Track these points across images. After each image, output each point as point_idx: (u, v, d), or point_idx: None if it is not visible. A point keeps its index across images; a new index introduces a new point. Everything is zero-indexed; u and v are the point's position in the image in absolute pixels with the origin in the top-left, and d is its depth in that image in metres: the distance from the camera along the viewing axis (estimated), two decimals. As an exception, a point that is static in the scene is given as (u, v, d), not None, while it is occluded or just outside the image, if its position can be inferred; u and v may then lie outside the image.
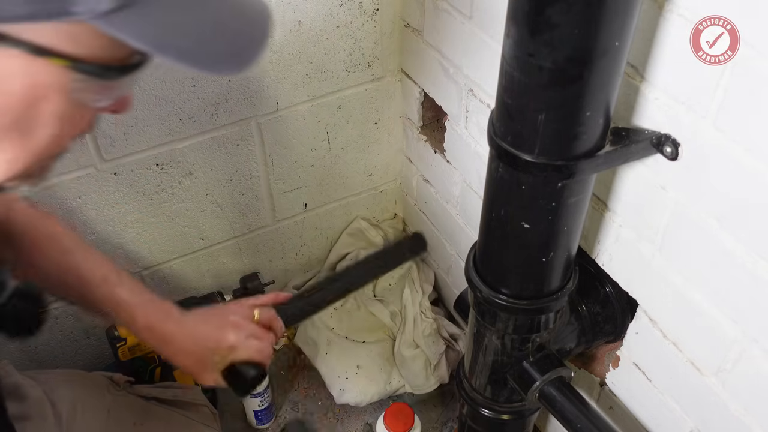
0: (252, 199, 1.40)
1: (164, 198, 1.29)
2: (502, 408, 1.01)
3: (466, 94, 1.17)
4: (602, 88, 0.67)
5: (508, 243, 0.83)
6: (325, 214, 1.55)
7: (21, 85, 0.49)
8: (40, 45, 0.47)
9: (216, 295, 1.39)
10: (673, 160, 0.76)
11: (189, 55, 0.48)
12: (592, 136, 0.71)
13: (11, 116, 0.50)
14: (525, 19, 0.64)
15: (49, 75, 0.49)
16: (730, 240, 0.74)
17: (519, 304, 0.86)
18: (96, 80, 0.51)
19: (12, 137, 0.52)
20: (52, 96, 0.51)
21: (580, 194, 0.77)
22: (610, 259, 0.95)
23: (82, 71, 0.49)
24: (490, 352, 0.94)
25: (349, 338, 1.50)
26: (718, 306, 0.79)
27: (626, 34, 0.64)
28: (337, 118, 1.39)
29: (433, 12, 1.19)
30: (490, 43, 1.03)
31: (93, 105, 0.54)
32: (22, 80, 0.49)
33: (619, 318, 1.00)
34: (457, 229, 1.40)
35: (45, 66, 0.48)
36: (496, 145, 0.75)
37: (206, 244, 1.42)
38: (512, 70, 0.68)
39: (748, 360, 0.78)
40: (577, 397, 0.92)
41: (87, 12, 0.44)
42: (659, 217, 0.83)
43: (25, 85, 0.49)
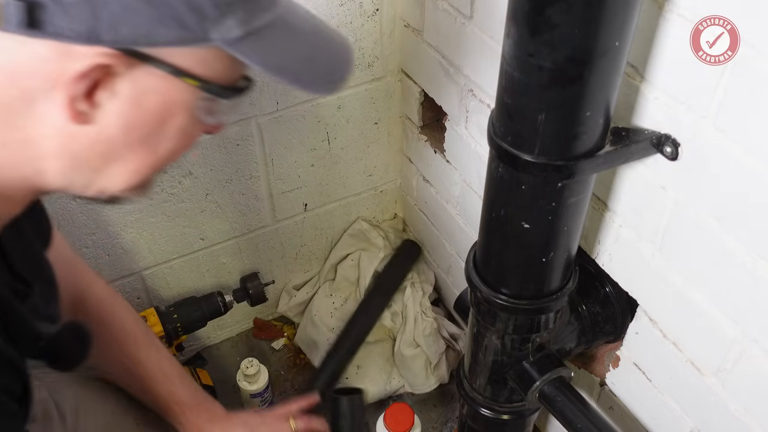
0: (252, 199, 1.40)
1: (164, 198, 1.29)
2: (502, 408, 1.01)
3: (466, 94, 1.17)
4: (602, 88, 0.67)
5: (508, 243, 0.83)
6: (325, 214, 1.55)
7: (158, 102, 0.56)
8: (179, 67, 0.54)
9: (216, 295, 1.39)
10: (673, 160, 0.76)
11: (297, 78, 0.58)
12: (592, 136, 0.71)
13: (145, 130, 0.58)
14: (525, 19, 0.64)
15: (181, 93, 0.57)
16: (730, 240, 0.74)
17: (519, 304, 0.86)
18: (215, 100, 0.58)
19: (139, 149, 0.59)
20: (179, 112, 0.58)
21: (580, 194, 0.77)
22: (610, 259, 0.95)
23: (208, 91, 0.57)
24: (490, 352, 0.94)
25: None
26: (718, 306, 0.79)
27: (626, 34, 0.64)
28: (337, 118, 1.39)
29: (433, 12, 1.19)
30: (490, 43, 1.03)
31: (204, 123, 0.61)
32: (160, 97, 0.56)
33: (619, 318, 1.00)
34: (457, 229, 1.40)
35: (180, 85, 0.55)
36: (496, 145, 0.75)
37: (206, 244, 1.42)
38: (512, 70, 0.68)
39: (748, 360, 0.78)
40: (577, 397, 0.92)
41: (220, 39, 0.53)
42: (659, 217, 0.83)
43: (161, 101, 0.56)
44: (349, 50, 0.62)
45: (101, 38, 0.50)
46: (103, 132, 0.56)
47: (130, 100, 0.55)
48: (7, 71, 0.53)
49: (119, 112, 0.55)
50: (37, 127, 0.55)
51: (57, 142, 0.56)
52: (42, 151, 0.57)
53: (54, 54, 0.51)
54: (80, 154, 0.57)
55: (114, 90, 0.54)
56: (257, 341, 1.60)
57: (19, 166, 0.57)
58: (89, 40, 0.50)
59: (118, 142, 0.57)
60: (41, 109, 0.54)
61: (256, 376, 1.36)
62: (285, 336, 1.61)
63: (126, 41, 0.51)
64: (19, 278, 0.68)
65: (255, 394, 1.38)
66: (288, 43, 0.57)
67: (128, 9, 0.50)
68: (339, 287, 1.58)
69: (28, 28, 0.49)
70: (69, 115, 0.54)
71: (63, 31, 0.50)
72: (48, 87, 0.53)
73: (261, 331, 1.61)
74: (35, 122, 0.55)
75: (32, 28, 0.49)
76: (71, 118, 0.54)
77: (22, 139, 0.56)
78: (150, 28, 0.51)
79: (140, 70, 0.54)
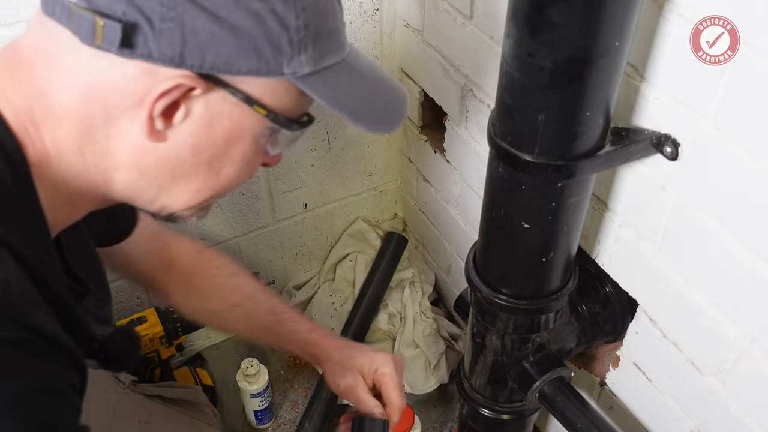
0: (252, 199, 1.40)
1: (164, 198, 1.29)
2: (502, 408, 1.01)
3: (466, 94, 1.17)
4: (602, 88, 0.67)
5: (508, 243, 0.83)
6: (325, 214, 1.55)
7: (228, 127, 0.60)
8: (251, 95, 0.58)
9: (216, 295, 1.39)
10: (673, 160, 0.76)
11: (357, 115, 0.62)
12: (592, 136, 0.71)
13: (212, 152, 0.61)
14: (525, 19, 0.64)
15: (250, 121, 0.60)
16: (730, 240, 0.74)
17: (519, 304, 0.86)
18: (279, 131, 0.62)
19: (204, 171, 0.62)
20: (246, 139, 0.62)
21: (580, 194, 0.77)
22: (610, 259, 0.95)
23: (275, 121, 0.60)
24: (490, 352, 0.94)
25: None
26: (718, 306, 0.79)
27: (626, 34, 0.64)
28: (337, 118, 1.39)
29: (433, 12, 1.19)
30: (490, 43, 1.03)
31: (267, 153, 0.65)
32: (230, 122, 0.59)
33: (619, 318, 1.00)
34: (457, 229, 1.40)
35: (249, 113, 0.59)
36: (496, 145, 0.75)
37: (206, 244, 1.41)
38: (512, 70, 0.68)
39: (748, 360, 0.78)
40: (577, 397, 0.92)
41: (292, 74, 0.57)
42: (659, 217, 0.83)
43: (230, 126, 0.60)
44: (404, 96, 0.67)
45: (186, 62, 0.54)
46: (173, 150, 0.59)
47: (203, 123, 0.58)
48: (93, 87, 0.56)
49: (191, 133, 0.59)
50: (114, 141, 0.58)
51: (130, 156, 0.59)
52: (114, 163, 0.60)
53: (139, 74, 0.55)
54: (149, 170, 0.61)
55: (189, 111, 0.57)
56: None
57: (90, 176, 0.61)
58: (175, 63, 0.54)
59: (186, 162, 0.61)
60: (120, 125, 0.58)
61: (256, 376, 1.36)
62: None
63: (208, 67, 0.55)
64: (76, 279, 0.70)
65: (255, 394, 1.37)
66: (351, 83, 0.61)
67: (215, 37, 0.54)
68: (339, 287, 1.58)
69: (122, 48, 0.53)
70: (146, 132, 0.57)
71: (153, 53, 0.53)
72: (129, 104, 0.56)
73: (261, 331, 1.61)
74: (113, 136, 0.58)
75: (126, 48, 0.53)
76: (148, 135, 0.57)
77: (98, 151, 0.59)
78: (231, 56, 0.55)
79: (215, 95, 0.57)
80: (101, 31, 0.52)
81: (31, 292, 0.55)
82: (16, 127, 0.58)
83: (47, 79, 0.57)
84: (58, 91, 0.57)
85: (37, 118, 0.58)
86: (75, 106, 0.57)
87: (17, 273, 0.55)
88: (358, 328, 1.46)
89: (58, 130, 0.58)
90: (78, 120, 0.58)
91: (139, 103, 0.56)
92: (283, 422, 1.46)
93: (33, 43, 0.58)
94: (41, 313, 0.55)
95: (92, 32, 0.53)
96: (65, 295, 0.63)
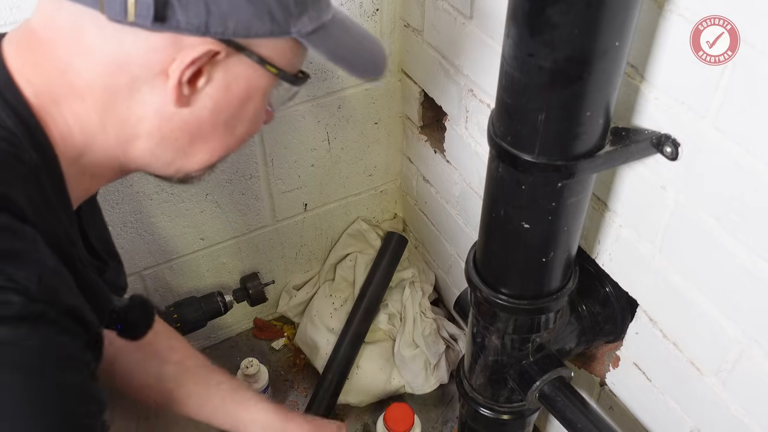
0: (252, 199, 1.40)
1: (164, 198, 1.29)
2: (502, 408, 1.01)
3: (466, 94, 1.17)
4: (602, 88, 0.67)
5: (508, 243, 0.83)
6: (325, 214, 1.55)
7: (243, 87, 0.65)
8: (264, 56, 0.63)
9: (216, 295, 1.39)
10: (673, 160, 0.76)
11: (353, 66, 0.68)
12: (592, 136, 0.71)
13: (229, 112, 0.66)
14: (525, 19, 0.64)
15: (262, 80, 0.65)
16: (730, 240, 0.74)
17: (519, 304, 0.86)
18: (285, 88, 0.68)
19: (221, 131, 0.67)
20: (257, 97, 0.67)
21: (580, 194, 0.77)
22: (610, 259, 0.95)
23: (283, 78, 0.66)
24: (490, 352, 0.94)
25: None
26: (718, 306, 0.79)
27: (626, 34, 0.64)
28: (337, 118, 1.39)
29: (433, 12, 1.19)
30: (490, 43, 1.03)
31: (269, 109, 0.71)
32: (245, 83, 0.64)
33: (619, 318, 1.00)
34: (457, 229, 1.40)
35: (262, 73, 0.64)
36: (496, 145, 0.75)
37: (206, 244, 1.42)
38: (512, 70, 0.68)
39: (748, 360, 0.78)
40: (577, 397, 0.92)
41: (297, 32, 0.62)
42: (659, 217, 0.83)
43: (245, 87, 0.65)
44: (382, 45, 0.73)
45: (211, 30, 0.58)
46: (195, 114, 0.64)
47: (222, 86, 0.63)
48: (118, 61, 0.59)
49: (212, 96, 0.63)
50: (136, 110, 0.62)
51: (152, 123, 0.63)
52: (136, 132, 0.64)
53: (165, 45, 0.59)
54: (170, 134, 0.65)
55: (210, 76, 0.62)
56: (257, 341, 1.60)
57: (111, 147, 0.64)
58: (201, 32, 0.58)
59: (206, 124, 0.65)
60: (143, 95, 0.61)
61: (256, 376, 1.36)
62: (285, 336, 1.61)
63: (230, 33, 0.59)
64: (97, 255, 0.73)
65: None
66: (343, 38, 0.67)
67: (234, 5, 0.58)
68: (338, 287, 1.58)
69: (154, 23, 0.57)
70: (174, 99, 0.61)
71: (181, 24, 0.57)
72: (153, 74, 0.60)
73: (261, 331, 1.61)
74: (135, 106, 0.62)
75: (159, 22, 0.57)
76: (175, 101, 0.62)
77: (119, 122, 0.63)
78: (249, 21, 0.59)
79: (233, 59, 0.62)
80: (133, 8, 0.56)
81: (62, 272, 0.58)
82: (38, 106, 0.60)
83: (68, 57, 0.60)
84: (81, 68, 0.60)
85: (58, 96, 0.61)
86: (98, 81, 0.60)
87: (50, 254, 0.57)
88: (358, 328, 1.46)
89: (80, 106, 0.61)
90: (101, 94, 0.61)
91: (163, 72, 0.60)
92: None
93: (50, 25, 0.60)
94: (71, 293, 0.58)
95: (124, 9, 0.56)
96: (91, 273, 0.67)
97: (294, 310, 1.60)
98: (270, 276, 1.54)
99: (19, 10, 0.98)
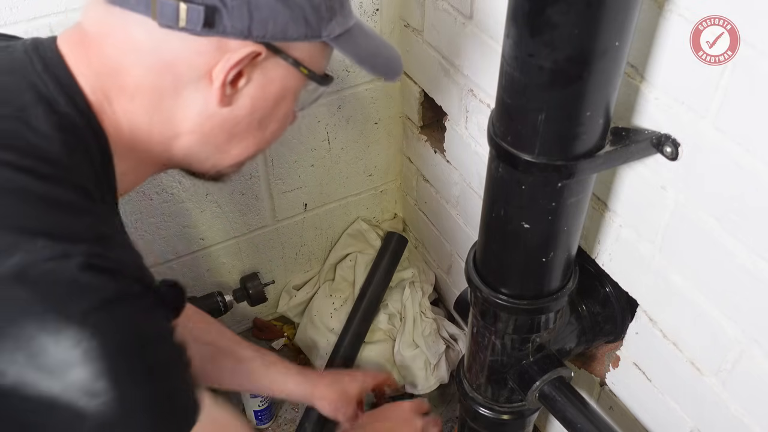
0: (252, 199, 1.40)
1: (164, 198, 1.29)
2: (502, 408, 1.01)
3: (466, 94, 1.17)
4: (602, 88, 0.67)
5: (508, 243, 0.83)
6: (325, 214, 1.55)
7: (277, 88, 0.69)
8: (297, 58, 0.68)
9: (216, 295, 1.39)
10: (673, 160, 0.76)
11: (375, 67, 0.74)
12: (592, 136, 0.71)
13: (263, 112, 0.70)
14: (525, 19, 0.64)
15: (293, 81, 0.70)
16: (730, 240, 0.74)
17: (519, 304, 0.86)
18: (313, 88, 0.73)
19: (255, 129, 0.72)
20: (289, 98, 0.72)
21: (580, 194, 0.77)
22: (610, 259, 0.95)
23: (313, 79, 0.71)
24: (490, 352, 0.94)
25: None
26: (718, 306, 0.79)
27: (626, 34, 0.64)
28: (337, 118, 1.39)
29: (433, 12, 1.19)
30: (490, 43, 1.03)
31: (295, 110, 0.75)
32: (279, 84, 0.69)
33: (619, 318, 1.00)
34: (457, 229, 1.40)
35: (294, 74, 0.69)
36: (496, 145, 0.75)
37: (206, 244, 1.42)
38: (512, 70, 0.68)
39: (748, 360, 0.78)
40: (577, 397, 0.92)
41: (327, 36, 0.67)
42: (659, 217, 0.83)
43: (279, 87, 0.69)
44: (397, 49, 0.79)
45: (253, 34, 0.63)
46: (234, 113, 0.68)
47: (259, 86, 0.68)
48: (166, 63, 0.64)
49: (251, 96, 0.68)
50: (180, 110, 0.67)
51: (195, 122, 0.68)
52: (178, 130, 0.68)
53: (210, 48, 0.63)
54: (210, 132, 0.69)
55: (250, 77, 0.67)
56: (257, 341, 1.60)
57: (154, 144, 0.69)
58: (243, 35, 0.63)
59: (243, 122, 0.70)
60: (186, 95, 0.66)
61: (256, 376, 1.36)
62: (285, 336, 1.61)
63: (269, 36, 0.64)
64: None
65: (255, 395, 1.37)
66: (365, 42, 0.73)
67: (273, 10, 0.63)
68: (338, 288, 1.58)
69: (203, 28, 0.61)
70: (218, 99, 0.66)
71: (227, 29, 0.62)
72: (197, 76, 0.65)
73: (261, 331, 1.61)
74: (179, 106, 0.67)
75: (208, 27, 0.61)
76: (219, 101, 0.66)
77: (164, 120, 0.67)
78: (286, 25, 0.64)
79: (270, 61, 0.66)
80: (185, 15, 0.60)
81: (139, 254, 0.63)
82: (95, 102, 0.64)
83: (119, 58, 0.64)
84: (131, 68, 0.64)
85: (110, 94, 0.65)
86: (146, 82, 0.65)
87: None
88: (358, 328, 1.46)
89: (129, 103, 0.65)
90: (148, 94, 0.65)
91: (207, 74, 0.65)
92: (283, 422, 1.46)
93: (100, 28, 0.65)
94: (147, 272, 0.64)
95: (176, 16, 0.60)
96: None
97: (294, 310, 1.60)
98: (270, 276, 1.54)
99: (18, 10, 0.98)
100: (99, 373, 0.53)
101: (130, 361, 0.56)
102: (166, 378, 0.60)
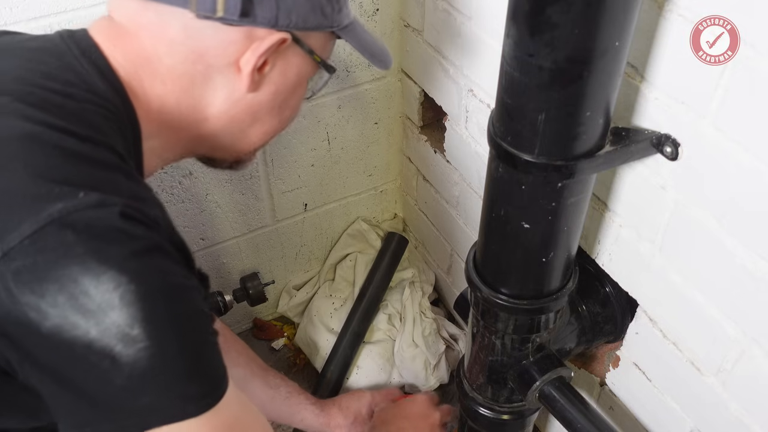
0: (252, 199, 1.40)
1: (164, 198, 1.29)
2: (502, 408, 1.01)
3: (466, 94, 1.17)
4: (602, 88, 0.67)
5: (508, 243, 0.83)
6: (325, 214, 1.55)
7: (295, 74, 0.75)
8: (311, 47, 0.73)
9: (216, 295, 1.39)
10: (673, 160, 0.76)
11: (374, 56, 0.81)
12: (592, 136, 0.71)
13: (283, 96, 0.76)
14: (525, 19, 0.64)
15: (307, 69, 0.76)
16: (730, 240, 0.74)
17: (519, 304, 0.86)
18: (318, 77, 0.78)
19: (275, 114, 0.77)
20: (303, 85, 0.78)
21: (580, 194, 0.77)
22: (610, 259, 0.95)
23: (324, 67, 0.77)
24: (490, 352, 0.94)
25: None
26: (718, 306, 0.79)
27: (626, 34, 0.64)
28: (337, 118, 1.39)
29: (433, 12, 1.19)
30: (490, 43, 1.03)
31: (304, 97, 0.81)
32: (296, 70, 0.75)
33: (619, 318, 1.00)
34: (457, 229, 1.40)
35: (309, 62, 0.75)
36: (496, 145, 0.75)
37: (206, 244, 1.42)
38: (512, 70, 0.68)
39: (748, 360, 0.78)
40: (577, 397, 0.92)
41: (337, 26, 0.73)
42: (659, 217, 0.83)
43: (296, 74, 0.75)
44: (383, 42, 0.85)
45: (279, 23, 0.68)
46: (258, 98, 0.73)
47: (281, 72, 0.73)
48: (199, 51, 0.68)
49: (274, 81, 0.73)
50: (208, 95, 0.71)
51: (222, 107, 0.73)
52: (205, 115, 0.73)
53: (240, 37, 0.68)
54: (236, 116, 0.74)
55: (274, 64, 0.72)
56: (257, 341, 1.60)
57: (182, 128, 0.73)
58: (271, 24, 0.67)
59: (265, 106, 0.75)
60: (215, 81, 0.71)
61: (256, 376, 1.36)
62: (285, 336, 1.61)
63: (292, 26, 0.69)
64: None
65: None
66: (363, 34, 0.79)
67: (295, 1, 0.68)
68: (338, 287, 1.58)
69: (240, 18, 0.65)
70: (247, 84, 0.71)
71: (258, 18, 0.66)
72: (227, 63, 0.70)
73: (261, 331, 1.61)
74: (208, 91, 0.71)
75: (243, 17, 0.66)
76: (248, 87, 0.71)
77: (193, 104, 0.72)
78: (307, 15, 0.69)
79: (291, 49, 0.72)
80: (222, 5, 0.64)
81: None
82: (128, 85, 0.68)
83: (153, 47, 0.68)
84: (164, 58, 0.68)
85: (143, 79, 0.69)
86: (179, 69, 0.69)
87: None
88: (358, 328, 1.46)
89: (161, 88, 0.70)
90: (180, 80, 0.69)
91: (235, 62, 0.69)
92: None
93: (135, 20, 0.69)
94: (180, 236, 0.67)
95: (214, 6, 0.65)
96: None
97: (294, 310, 1.60)
98: (270, 276, 1.54)
99: (18, 10, 0.98)
100: (135, 318, 0.54)
101: (166, 309, 0.57)
102: (199, 330, 0.61)
